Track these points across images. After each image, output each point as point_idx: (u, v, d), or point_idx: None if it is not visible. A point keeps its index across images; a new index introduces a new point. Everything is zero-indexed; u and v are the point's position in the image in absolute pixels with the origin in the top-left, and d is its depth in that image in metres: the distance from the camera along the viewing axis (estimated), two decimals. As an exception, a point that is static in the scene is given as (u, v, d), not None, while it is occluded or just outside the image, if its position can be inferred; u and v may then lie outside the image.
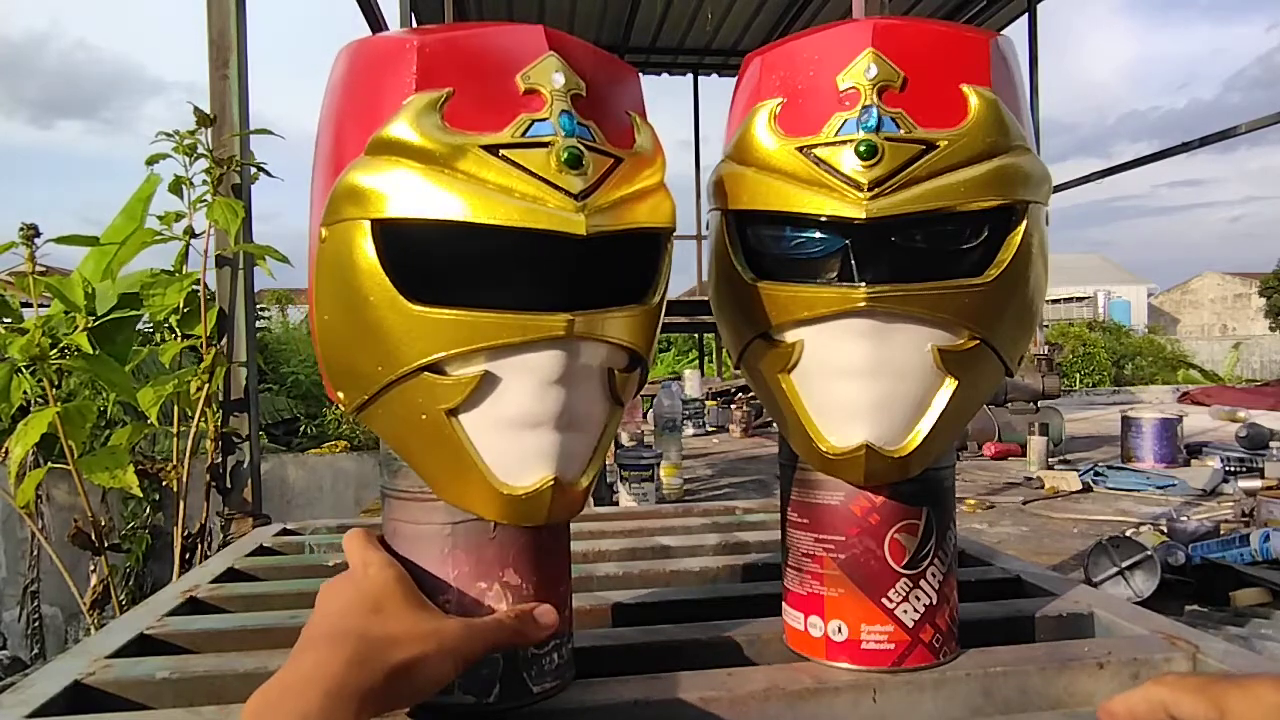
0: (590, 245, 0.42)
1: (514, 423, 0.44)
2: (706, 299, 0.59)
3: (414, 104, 0.42)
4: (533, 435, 0.44)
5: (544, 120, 0.42)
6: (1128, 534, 2.07)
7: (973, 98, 0.46)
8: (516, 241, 0.41)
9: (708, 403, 5.50)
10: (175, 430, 1.70)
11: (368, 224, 0.42)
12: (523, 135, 0.42)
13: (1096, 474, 3.47)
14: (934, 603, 0.53)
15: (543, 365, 0.43)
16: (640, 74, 0.50)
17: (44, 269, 1.49)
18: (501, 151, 0.42)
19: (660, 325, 0.49)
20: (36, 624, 1.90)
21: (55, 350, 1.42)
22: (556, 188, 0.41)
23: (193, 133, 1.59)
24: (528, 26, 0.45)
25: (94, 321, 1.58)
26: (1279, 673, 0.39)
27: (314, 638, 0.40)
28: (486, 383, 0.43)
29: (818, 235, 0.51)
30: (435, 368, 0.43)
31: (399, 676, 0.39)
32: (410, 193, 0.41)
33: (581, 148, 0.42)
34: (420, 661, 0.40)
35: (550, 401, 0.43)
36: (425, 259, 0.44)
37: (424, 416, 0.44)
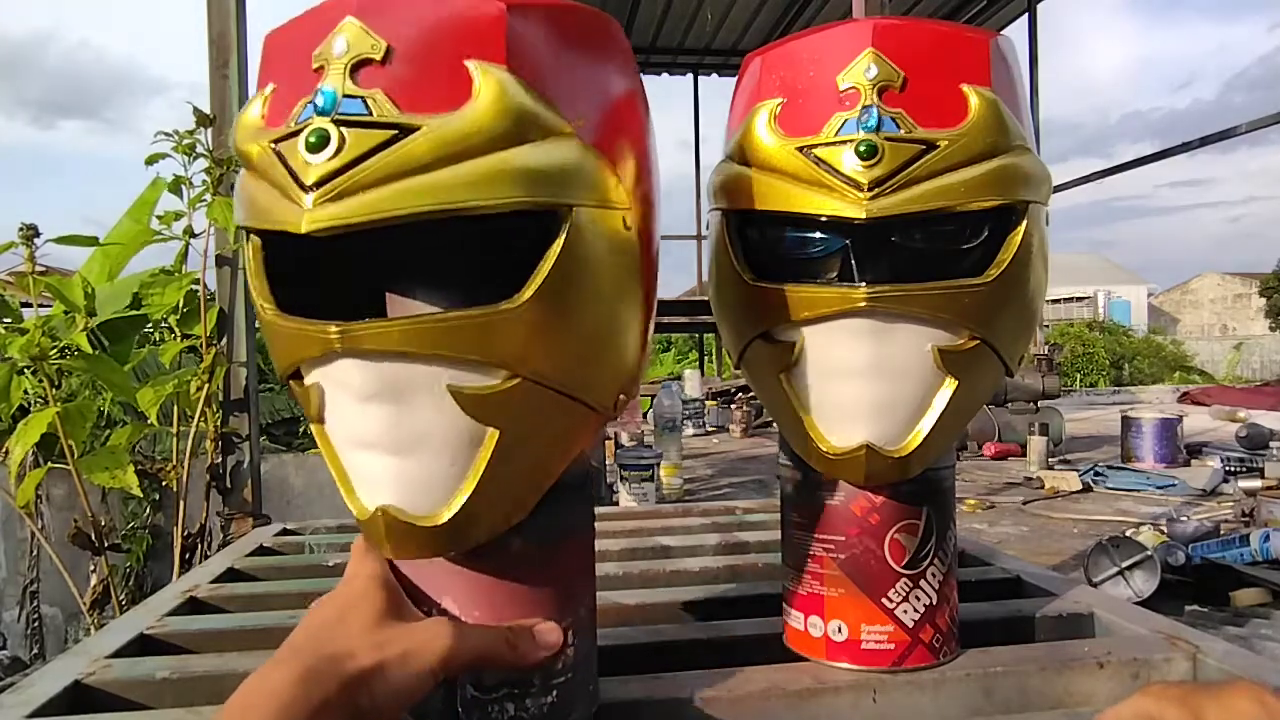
0: (357, 241, 0.35)
1: (348, 441, 0.40)
2: (706, 299, 0.59)
3: (249, 105, 0.39)
4: (366, 457, 0.39)
5: (312, 102, 0.36)
6: (1128, 534, 2.07)
7: (973, 98, 0.46)
8: (293, 244, 0.36)
9: (708, 403, 5.50)
10: (175, 430, 1.70)
11: (244, 232, 0.40)
12: (296, 123, 0.35)
13: (1096, 474, 3.47)
14: (934, 603, 0.53)
15: (350, 380, 0.37)
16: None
17: (44, 269, 1.49)
18: (275, 145, 0.36)
19: (535, 331, 0.38)
20: (36, 624, 1.90)
21: (55, 350, 1.42)
22: (295, 179, 0.35)
23: (192, 132, 1.59)
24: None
25: (94, 322, 1.58)
26: (1256, 680, 0.39)
27: (275, 655, 0.38)
28: (321, 395, 0.39)
29: (818, 235, 0.51)
30: (295, 375, 0.40)
31: (356, 689, 0.37)
32: (237, 196, 0.39)
33: (329, 127, 0.34)
34: (377, 671, 0.37)
35: (373, 421, 0.37)
36: (280, 265, 0.40)
37: (311, 425, 0.41)
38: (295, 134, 0.35)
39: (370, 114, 0.34)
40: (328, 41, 0.36)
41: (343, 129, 0.34)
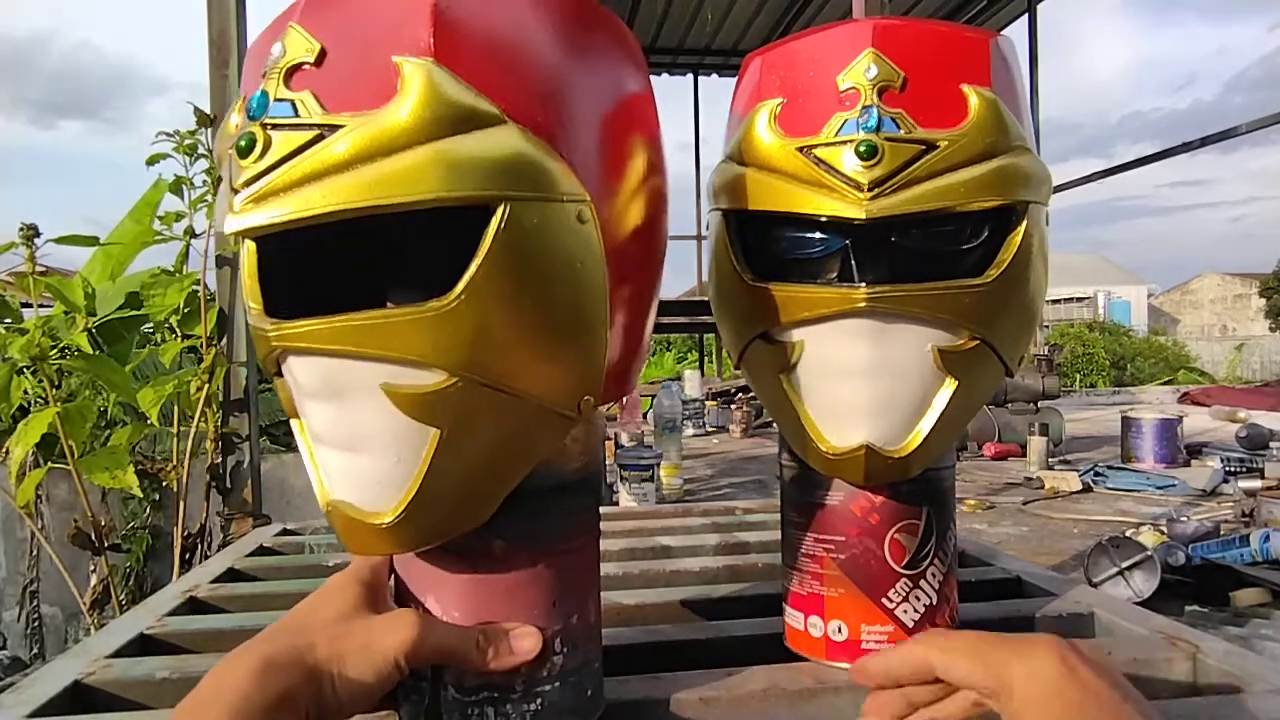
0: (295, 240, 0.35)
1: (310, 436, 0.41)
2: (706, 299, 0.59)
3: (230, 113, 0.41)
4: (323, 452, 0.40)
5: (246, 107, 0.37)
6: (1128, 534, 2.07)
7: (973, 98, 0.47)
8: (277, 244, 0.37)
9: (708, 403, 5.50)
10: (175, 430, 1.70)
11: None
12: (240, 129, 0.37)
13: (1096, 474, 3.47)
14: (934, 603, 0.53)
15: (297, 377, 0.38)
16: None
17: (44, 269, 1.49)
18: (231, 150, 0.37)
19: (473, 330, 0.36)
20: (36, 624, 1.90)
21: (55, 350, 1.42)
22: (230, 182, 0.36)
23: (193, 133, 1.59)
24: None
25: (95, 322, 1.58)
26: (1056, 636, 0.37)
27: (243, 644, 0.38)
28: (289, 391, 0.40)
29: (818, 235, 0.51)
30: (278, 372, 0.40)
31: (318, 679, 0.37)
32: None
33: (256, 131, 0.35)
34: (336, 661, 0.37)
35: (319, 417, 0.39)
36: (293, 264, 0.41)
37: (291, 420, 0.42)
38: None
39: (296, 116, 0.35)
40: (272, 48, 0.37)
41: (270, 132, 0.35)
